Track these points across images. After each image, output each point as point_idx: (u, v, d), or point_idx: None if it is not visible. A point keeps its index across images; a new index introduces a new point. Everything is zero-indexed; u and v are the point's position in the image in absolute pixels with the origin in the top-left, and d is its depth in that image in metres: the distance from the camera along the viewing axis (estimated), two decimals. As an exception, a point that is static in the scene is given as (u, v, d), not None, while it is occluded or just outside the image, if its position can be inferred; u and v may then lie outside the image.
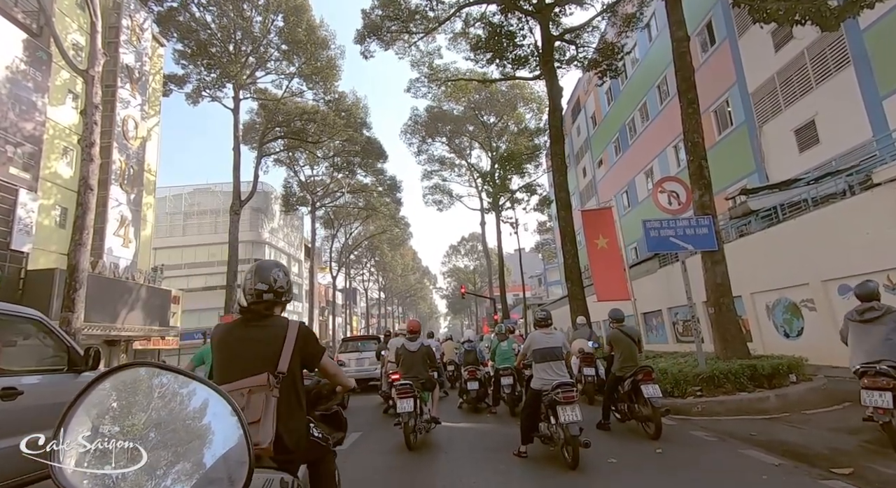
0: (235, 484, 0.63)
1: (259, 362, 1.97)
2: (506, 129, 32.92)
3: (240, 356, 2.02)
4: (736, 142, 15.87)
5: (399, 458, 5.40)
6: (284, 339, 2.05)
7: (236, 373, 1.95)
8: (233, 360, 2.02)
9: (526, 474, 4.53)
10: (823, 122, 12.34)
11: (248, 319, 2.14)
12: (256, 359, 1.99)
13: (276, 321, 2.13)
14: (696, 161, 8.58)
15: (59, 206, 15.98)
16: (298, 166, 33.30)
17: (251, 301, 2.12)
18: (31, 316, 3.57)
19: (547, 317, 5.50)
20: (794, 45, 12.92)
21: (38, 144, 14.64)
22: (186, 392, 0.71)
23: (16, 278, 13.60)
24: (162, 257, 29.97)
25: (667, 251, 10.96)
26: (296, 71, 24.74)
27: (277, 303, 2.15)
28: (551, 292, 50.57)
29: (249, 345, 2.04)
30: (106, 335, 15.79)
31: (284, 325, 2.09)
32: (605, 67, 16.27)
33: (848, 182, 9.13)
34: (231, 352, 2.05)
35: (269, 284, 2.11)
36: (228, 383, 1.94)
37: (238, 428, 0.68)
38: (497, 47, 16.70)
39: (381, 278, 59.16)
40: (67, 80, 16.11)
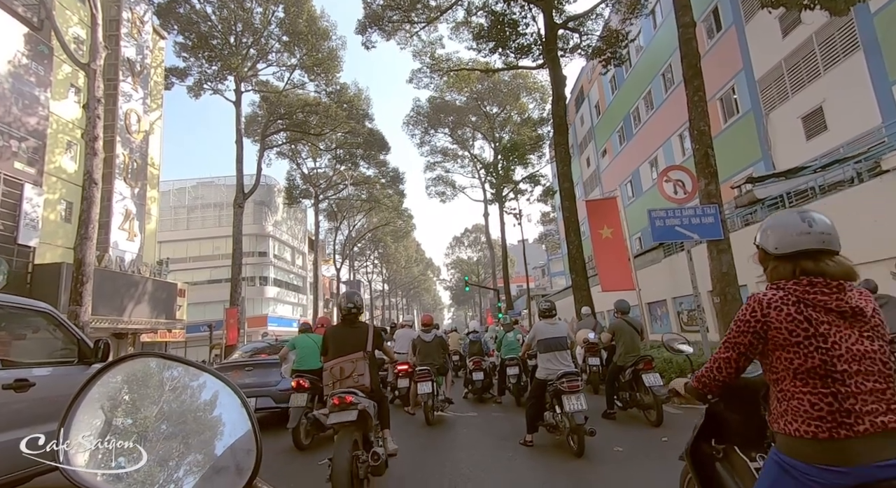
0: (243, 473, 0.63)
1: (357, 345, 3.82)
2: (509, 120, 32.69)
3: (346, 342, 3.85)
4: (742, 130, 15.70)
5: (408, 446, 5.44)
6: (367, 334, 3.89)
7: (347, 350, 3.79)
8: (343, 344, 3.85)
9: (532, 462, 4.56)
10: (831, 108, 12.17)
11: (345, 322, 4.02)
12: (355, 343, 3.82)
13: (361, 324, 4.01)
14: (703, 149, 8.49)
15: (64, 201, 16.05)
16: (301, 159, 33.25)
17: (345, 313, 3.98)
18: (41, 309, 3.60)
19: (551, 308, 5.55)
20: (802, 30, 12.70)
21: (41, 139, 14.66)
22: (197, 384, 0.71)
23: (23, 272, 13.72)
24: (167, 251, 30.13)
25: (672, 240, 10.92)
26: (297, 62, 24.60)
27: (359, 313, 4.06)
28: (554, 283, 50.58)
29: (350, 336, 3.88)
30: (113, 328, 15.95)
31: (366, 326, 3.98)
32: (609, 55, 16.07)
33: (856, 169, 9.03)
34: (341, 339, 3.90)
35: (355, 304, 4.03)
36: (343, 356, 3.76)
37: (246, 418, 0.67)
38: (499, 36, 16.51)
39: (384, 270, 59.32)
40: (69, 74, 16.09)
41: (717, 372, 1.62)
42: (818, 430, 1.35)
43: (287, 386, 6.27)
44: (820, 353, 1.39)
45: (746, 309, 1.51)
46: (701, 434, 2.06)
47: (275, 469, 4.72)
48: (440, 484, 4.09)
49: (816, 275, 1.46)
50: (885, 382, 1.37)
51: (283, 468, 4.83)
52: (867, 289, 4.45)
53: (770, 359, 1.49)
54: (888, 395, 1.36)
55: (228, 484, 0.63)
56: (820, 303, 1.43)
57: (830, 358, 1.38)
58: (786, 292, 1.47)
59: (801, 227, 1.47)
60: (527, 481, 4.02)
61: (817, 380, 1.39)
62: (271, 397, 6.74)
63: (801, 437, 1.38)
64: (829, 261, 1.46)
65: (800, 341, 1.41)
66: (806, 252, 1.47)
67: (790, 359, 1.43)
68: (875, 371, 1.37)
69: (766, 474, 1.49)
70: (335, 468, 3.20)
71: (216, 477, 0.64)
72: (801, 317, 1.42)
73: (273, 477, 4.47)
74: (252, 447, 0.65)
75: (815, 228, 1.46)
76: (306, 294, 42.33)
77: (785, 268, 1.51)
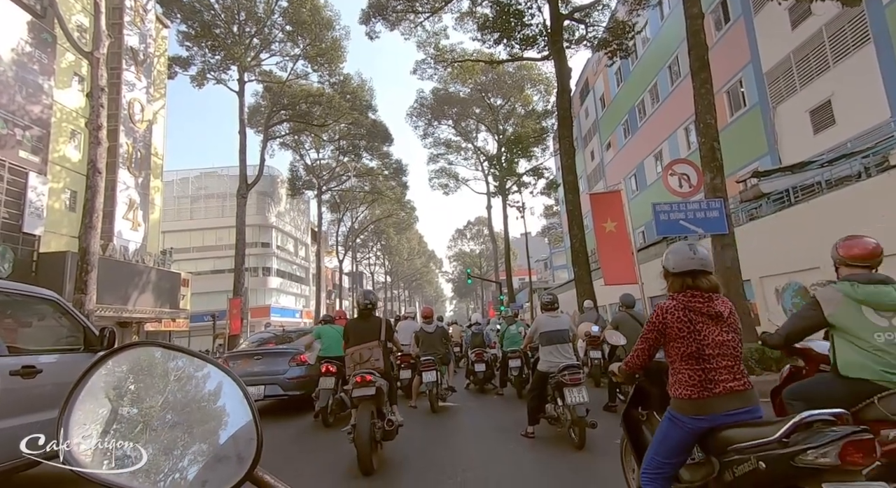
0: (244, 462, 0.63)
1: (373, 335, 4.61)
2: (513, 112, 32.46)
3: (363, 332, 4.65)
4: (748, 123, 15.55)
5: (411, 437, 5.49)
6: (380, 326, 4.70)
7: (364, 339, 4.58)
8: (361, 334, 4.64)
9: (534, 453, 4.59)
10: (840, 102, 12.02)
11: (362, 316, 4.80)
12: (371, 334, 4.62)
13: (374, 318, 4.84)
14: (709, 143, 8.42)
15: (68, 190, 16.09)
16: (304, 150, 33.16)
17: (362, 308, 4.79)
18: (47, 296, 3.62)
19: (553, 301, 5.55)
20: (812, 22, 12.52)
21: (45, 128, 14.66)
22: (200, 374, 0.71)
23: (29, 261, 13.79)
24: (170, 241, 30.21)
25: (676, 235, 10.86)
26: (300, 52, 24.44)
27: (374, 308, 4.88)
28: (557, 276, 50.57)
29: (366, 328, 4.68)
30: (118, 317, 16.06)
31: (379, 320, 4.80)
32: (616, 47, 15.89)
33: (864, 164, 8.94)
34: (359, 330, 4.69)
35: (371, 301, 4.87)
36: (362, 344, 4.54)
37: (247, 408, 0.67)
38: (505, 27, 16.34)
39: (387, 262, 59.40)
40: (73, 62, 16.04)
41: (637, 359, 2.27)
42: (692, 393, 2.01)
43: (295, 374, 7.07)
44: (696, 343, 2.03)
45: (654, 315, 2.15)
46: (631, 403, 2.77)
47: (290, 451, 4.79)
48: (444, 475, 4.12)
49: (696, 289, 2.12)
50: (734, 361, 2.05)
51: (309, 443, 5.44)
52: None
53: (668, 348, 2.13)
54: (735, 370, 2.04)
55: (230, 472, 0.64)
56: (697, 309, 2.08)
57: (702, 346, 2.03)
58: (677, 302, 2.12)
59: (689, 254, 2.13)
60: (528, 473, 4.05)
61: (693, 361, 2.03)
62: (279, 385, 7.04)
63: (682, 399, 2.04)
64: (704, 279, 2.13)
65: (684, 335, 2.05)
66: (691, 271, 2.12)
67: (678, 348, 2.07)
68: (728, 354, 2.04)
69: (662, 425, 2.16)
70: (358, 431, 4.01)
71: (218, 466, 0.65)
72: (686, 319, 2.06)
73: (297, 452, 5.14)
74: (253, 436, 0.65)
75: (696, 256, 2.13)
76: (309, 285, 42.47)
77: (677, 282, 2.18)
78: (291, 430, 6.25)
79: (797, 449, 1.66)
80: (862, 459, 1.57)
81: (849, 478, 1.59)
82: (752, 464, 1.80)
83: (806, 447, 1.64)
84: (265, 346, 8.10)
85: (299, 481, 4.10)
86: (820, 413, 1.73)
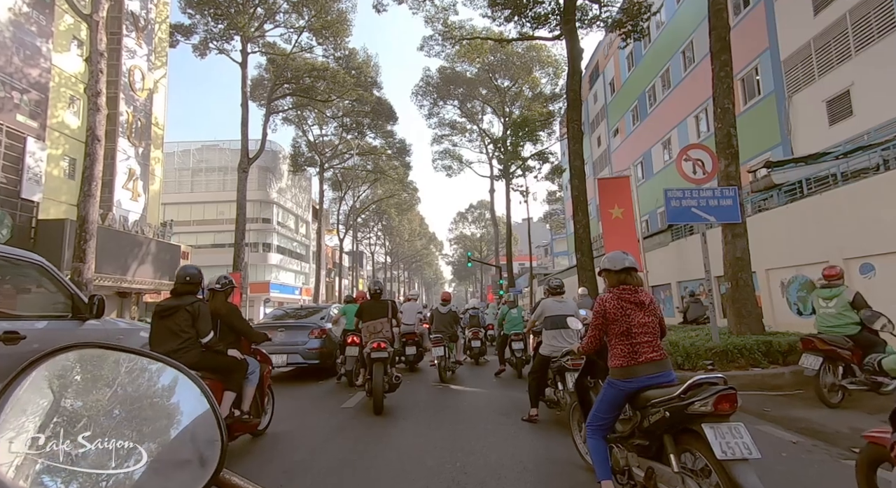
0: (207, 465, 0.55)
1: (382, 313, 6.16)
2: (520, 94, 31.87)
3: (375, 311, 6.18)
4: (762, 112, 15.19)
5: (409, 419, 5.44)
6: (388, 306, 6.24)
7: (376, 316, 6.11)
8: (373, 312, 6.17)
9: (533, 437, 4.51)
10: (859, 92, 11.68)
11: (374, 298, 6.40)
12: (381, 312, 6.17)
13: (382, 301, 6.37)
14: (725, 128, 8.16)
15: (67, 157, 15.84)
16: (307, 125, 32.70)
17: (372, 292, 6.46)
18: (33, 260, 3.46)
19: (560, 286, 5.61)
20: (835, 7, 12.09)
21: (44, 92, 14.34)
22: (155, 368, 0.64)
23: (27, 227, 13.66)
24: (171, 213, 30.03)
25: (687, 222, 10.68)
26: (305, 24, 23.82)
27: (382, 292, 6.50)
28: (557, 263, 50.49)
29: (377, 307, 6.22)
30: (117, 287, 16.00)
31: (387, 302, 6.34)
32: (630, 28, 15.42)
33: (883, 156, 8.69)
34: (372, 309, 6.21)
35: (379, 287, 6.54)
36: (374, 319, 6.09)
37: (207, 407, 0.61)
38: (516, 3, 15.83)
39: (387, 242, 59.28)
40: (72, 25, 15.61)
41: (591, 341, 2.98)
42: (623, 362, 2.72)
43: (314, 345, 8.28)
44: (626, 324, 2.74)
45: (597, 306, 2.85)
46: (582, 374, 3.57)
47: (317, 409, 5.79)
48: (445, 459, 4.03)
49: (627, 284, 2.85)
50: (653, 337, 2.75)
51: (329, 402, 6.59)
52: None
53: (608, 330, 2.82)
54: (654, 344, 2.73)
55: (192, 477, 0.53)
56: (627, 298, 2.80)
57: (630, 326, 2.74)
58: (612, 294, 2.84)
59: (623, 257, 2.90)
60: (528, 455, 3.97)
61: (624, 338, 2.74)
62: (300, 354, 8.14)
63: (616, 367, 2.75)
64: (633, 276, 2.87)
65: (618, 319, 2.76)
66: (624, 269, 2.87)
67: (614, 328, 2.78)
68: (649, 332, 2.75)
69: (603, 389, 2.86)
70: (375, 382, 5.55)
71: (178, 472, 0.55)
72: (619, 306, 2.78)
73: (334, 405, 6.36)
74: (216, 437, 0.58)
75: (627, 258, 2.89)
76: (309, 262, 42.45)
77: (613, 278, 2.90)
78: (320, 389, 7.62)
79: (689, 401, 2.33)
80: (729, 408, 2.24)
81: (720, 420, 2.26)
82: (661, 413, 2.46)
83: (694, 400, 2.32)
84: (284, 320, 9.31)
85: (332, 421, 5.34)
86: (707, 377, 2.41)
